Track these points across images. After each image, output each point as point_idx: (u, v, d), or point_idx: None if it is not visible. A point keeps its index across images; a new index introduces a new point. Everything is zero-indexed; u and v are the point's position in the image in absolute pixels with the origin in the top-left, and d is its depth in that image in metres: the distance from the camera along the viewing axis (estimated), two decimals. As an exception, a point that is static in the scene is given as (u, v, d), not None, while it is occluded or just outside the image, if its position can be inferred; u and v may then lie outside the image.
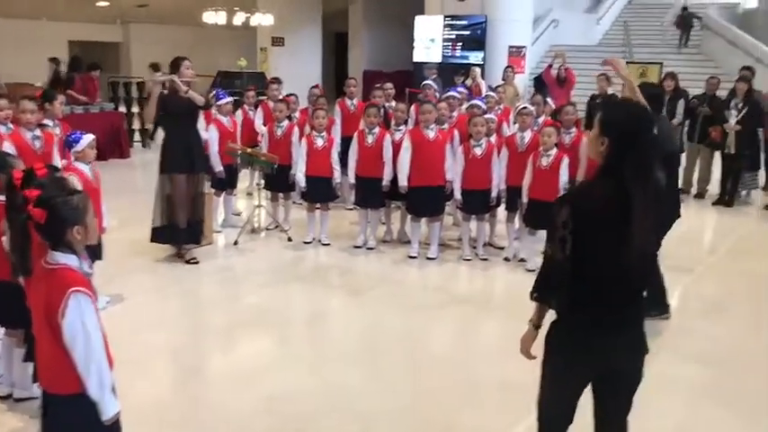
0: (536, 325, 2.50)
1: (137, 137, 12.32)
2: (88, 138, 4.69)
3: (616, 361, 2.41)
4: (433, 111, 6.24)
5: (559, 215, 2.35)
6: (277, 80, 8.94)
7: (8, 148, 4.62)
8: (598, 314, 2.37)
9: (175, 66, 5.85)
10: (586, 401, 2.51)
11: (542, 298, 2.46)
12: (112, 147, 11.02)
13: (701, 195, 9.33)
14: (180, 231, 5.91)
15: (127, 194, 8.39)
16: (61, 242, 2.37)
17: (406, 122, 6.77)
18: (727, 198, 8.89)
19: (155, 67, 11.45)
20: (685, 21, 18.12)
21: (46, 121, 5.40)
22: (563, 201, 2.42)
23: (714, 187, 9.24)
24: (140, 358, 4.05)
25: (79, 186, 4.42)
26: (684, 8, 18.48)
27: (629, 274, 2.34)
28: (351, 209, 7.79)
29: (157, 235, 5.97)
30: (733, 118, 8.57)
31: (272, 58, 20.57)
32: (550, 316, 2.48)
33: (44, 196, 2.38)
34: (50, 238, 2.38)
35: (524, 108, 6.40)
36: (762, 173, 9.47)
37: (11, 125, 5.05)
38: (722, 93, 9.53)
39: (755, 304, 5.64)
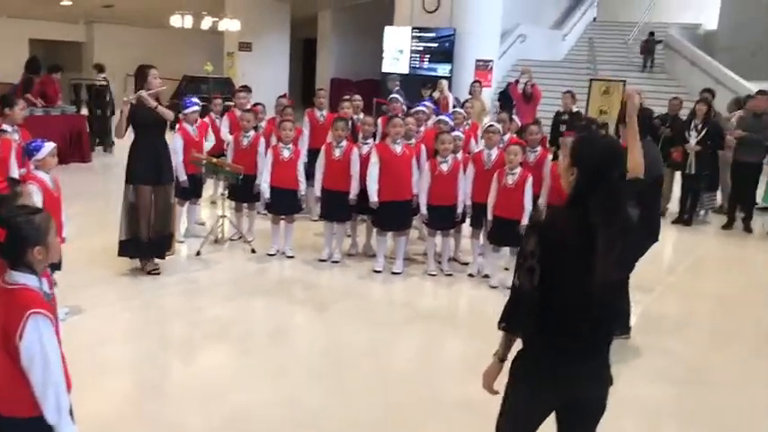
0: (501, 358, 2.48)
1: (98, 140, 12.10)
2: (49, 146, 4.60)
3: (581, 390, 2.42)
4: (401, 125, 6.25)
5: (527, 244, 2.36)
6: (246, 88, 8.87)
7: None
8: (563, 343, 2.38)
9: (142, 75, 5.71)
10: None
11: (510, 328, 2.44)
12: (73, 150, 10.80)
13: (661, 214, 9.49)
14: (144, 244, 5.77)
15: (87, 201, 8.27)
16: (21, 262, 2.31)
17: (373, 136, 6.77)
18: (686, 217, 9.07)
19: (99, 68, 11.21)
20: (649, 46, 18.46)
21: (5, 127, 5.28)
22: (531, 230, 2.44)
23: (674, 206, 9.42)
24: (98, 373, 3.96)
25: (39, 196, 4.36)
26: (651, 33, 18.88)
27: (594, 303, 2.36)
28: (315, 220, 7.76)
29: (123, 248, 5.84)
30: (693, 139, 8.76)
31: (239, 63, 20.44)
32: (516, 347, 2.48)
33: (4, 215, 2.32)
34: (10, 257, 2.31)
35: (491, 126, 6.46)
36: (719, 193, 9.68)
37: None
38: (686, 111, 9.75)
39: (714, 323, 5.77)
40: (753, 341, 5.40)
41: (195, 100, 7.14)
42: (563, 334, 2.38)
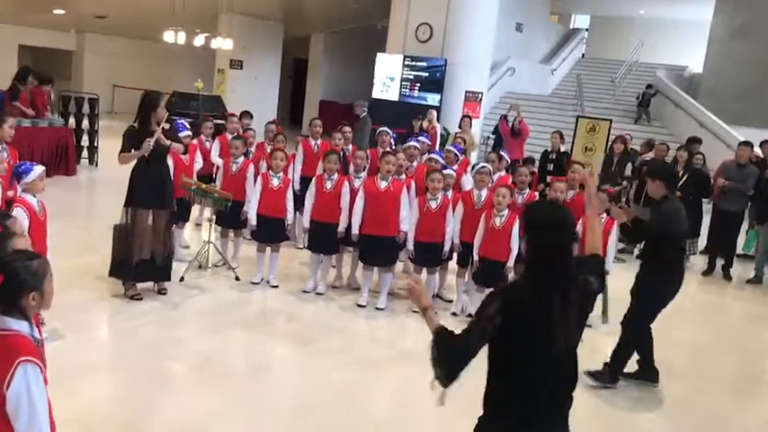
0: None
1: (84, 153, 12.01)
2: (39, 169, 4.56)
3: None
4: (394, 163, 6.26)
5: (489, 307, 2.37)
6: (247, 114, 8.92)
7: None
8: (523, 411, 2.40)
9: (151, 103, 5.72)
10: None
11: (445, 381, 2.36)
12: (59, 162, 10.72)
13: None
14: (133, 268, 5.77)
15: (70, 218, 8.18)
16: (15, 307, 2.28)
17: (365, 169, 6.78)
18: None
19: (26, 71, 10.92)
20: (646, 98, 18.13)
21: (-6, 145, 5.23)
22: (494, 295, 2.43)
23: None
24: (73, 406, 3.89)
25: (26, 221, 4.31)
26: (649, 86, 18.45)
27: (552, 371, 2.38)
28: (301, 248, 7.75)
29: (113, 269, 5.83)
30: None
31: (229, 80, 20.45)
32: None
33: (2, 259, 2.29)
34: (4, 301, 2.28)
35: (483, 167, 6.50)
36: (701, 240, 9.78)
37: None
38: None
39: (693, 375, 5.79)
40: (729, 388, 5.44)
41: (186, 124, 7.14)
42: (523, 402, 2.40)
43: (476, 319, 2.39)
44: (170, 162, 6.64)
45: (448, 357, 2.37)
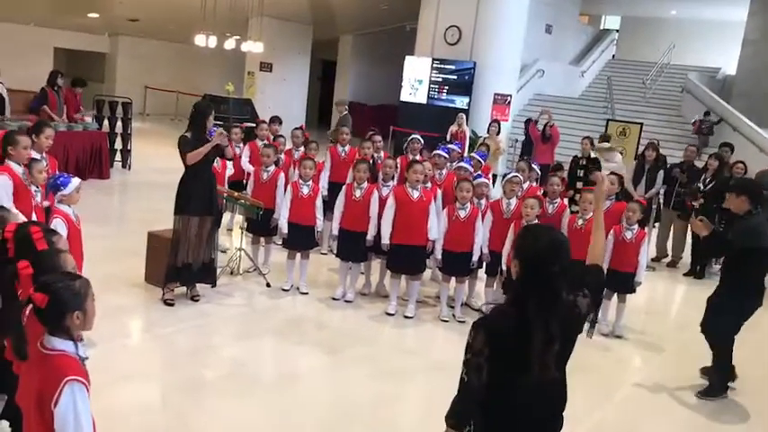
0: None
1: (117, 156, 12.21)
2: (76, 182, 4.67)
3: None
4: (422, 172, 6.29)
5: (475, 340, 2.33)
6: (277, 120, 9.02)
7: (6, 185, 4.61)
8: None
9: (204, 113, 5.89)
10: None
11: (457, 426, 2.41)
12: (92, 166, 10.92)
13: (673, 264, 9.50)
14: (185, 272, 5.99)
15: (103, 223, 8.33)
16: (59, 327, 2.36)
17: (393, 178, 6.82)
18: (697, 269, 9.04)
19: (55, 75, 11.15)
20: (704, 128, 15.91)
21: (34, 155, 5.34)
22: (478, 326, 2.37)
23: (688, 256, 9.40)
24: (108, 415, 3.98)
25: (64, 230, 4.41)
26: (707, 113, 16.33)
27: (535, 403, 2.36)
28: (325, 253, 7.82)
29: (168, 274, 5.99)
30: (700, 191, 8.72)
31: (259, 83, 20.62)
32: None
33: (47, 281, 2.37)
34: (49, 322, 2.36)
35: (515, 177, 6.51)
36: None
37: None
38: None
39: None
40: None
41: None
42: (509, 428, 2.40)
43: (469, 355, 2.35)
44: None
45: (457, 402, 2.41)
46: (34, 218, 4.65)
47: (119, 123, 12.25)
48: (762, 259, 5.12)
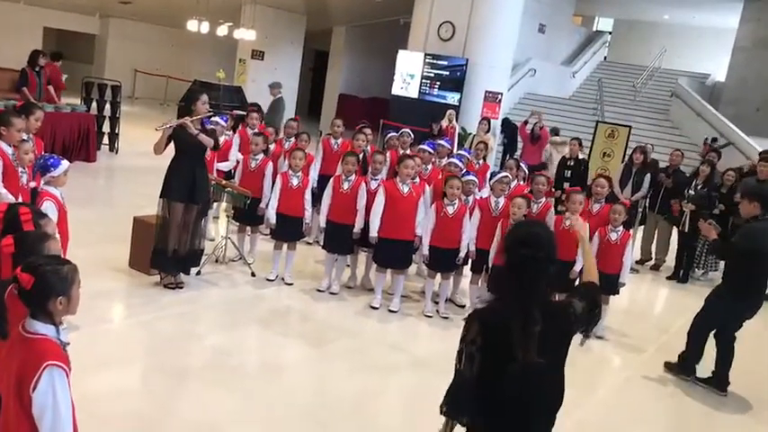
0: None
1: (105, 140, 12.12)
2: (65, 165, 4.63)
3: None
4: (413, 167, 6.29)
5: (469, 331, 2.43)
6: (256, 106, 8.96)
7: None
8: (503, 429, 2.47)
9: (192, 97, 5.86)
10: None
11: (451, 414, 2.49)
12: (79, 149, 10.83)
13: (656, 267, 9.57)
14: (168, 259, 5.94)
15: (89, 207, 8.27)
16: (43, 311, 2.34)
17: (382, 171, 6.81)
18: (681, 274, 9.11)
19: (36, 54, 11.03)
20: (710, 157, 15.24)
21: (22, 136, 5.29)
22: (472, 317, 2.50)
23: (672, 260, 9.47)
24: (88, 399, 3.95)
25: (54, 214, 4.37)
26: (714, 139, 15.49)
27: (523, 392, 2.41)
28: (310, 243, 7.82)
29: (153, 260, 6.00)
30: (687, 196, 8.77)
31: (250, 71, 20.52)
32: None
33: (35, 262, 2.35)
34: (32, 305, 2.34)
35: (504, 177, 6.53)
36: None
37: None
38: (690, 161, 9.73)
39: (705, 393, 5.78)
40: (745, 407, 5.45)
41: (221, 122, 7.30)
42: (499, 424, 2.46)
43: (462, 346, 2.44)
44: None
45: (451, 392, 2.49)
46: (20, 199, 4.61)
47: (107, 106, 12.15)
48: (758, 261, 5.30)
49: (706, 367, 5.76)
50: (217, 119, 7.38)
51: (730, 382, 5.62)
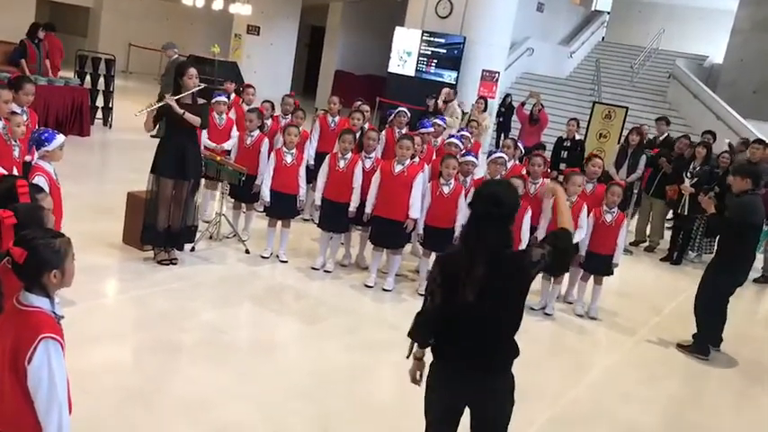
0: (417, 357, 3.02)
1: (99, 114, 12.03)
2: (60, 139, 4.58)
3: (476, 404, 2.91)
4: (409, 147, 6.25)
5: (433, 272, 2.90)
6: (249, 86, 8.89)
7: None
8: (454, 358, 2.87)
9: (178, 72, 5.79)
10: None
11: (413, 336, 2.96)
12: (73, 123, 10.74)
13: (651, 249, 9.59)
14: (160, 234, 5.93)
15: (83, 181, 8.22)
16: (37, 284, 2.33)
17: (376, 150, 6.77)
18: (675, 257, 9.14)
19: (35, 27, 11.00)
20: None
21: (14, 108, 5.24)
22: (437, 260, 2.99)
23: (666, 243, 9.49)
24: (81, 373, 3.95)
25: (46, 188, 4.33)
26: (730, 144, 13.39)
27: (466, 325, 2.80)
28: (307, 219, 7.80)
29: (143, 235, 5.99)
30: (688, 180, 8.78)
31: (245, 46, 20.35)
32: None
33: (26, 235, 2.33)
34: (26, 278, 2.33)
35: (499, 158, 6.50)
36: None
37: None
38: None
39: (696, 372, 5.83)
40: (734, 388, 5.49)
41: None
42: (454, 351, 2.85)
43: (428, 281, 2.96)
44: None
45: (418, 324, 2.94)
46: (15, 173, 4.57)
47: (101, 80, 12.03)
48: (752, 233, 5.81)
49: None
50: (222, 98, 7.34)
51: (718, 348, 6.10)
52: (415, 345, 2.98)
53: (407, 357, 3.02)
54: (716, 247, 6.35)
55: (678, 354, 6.09)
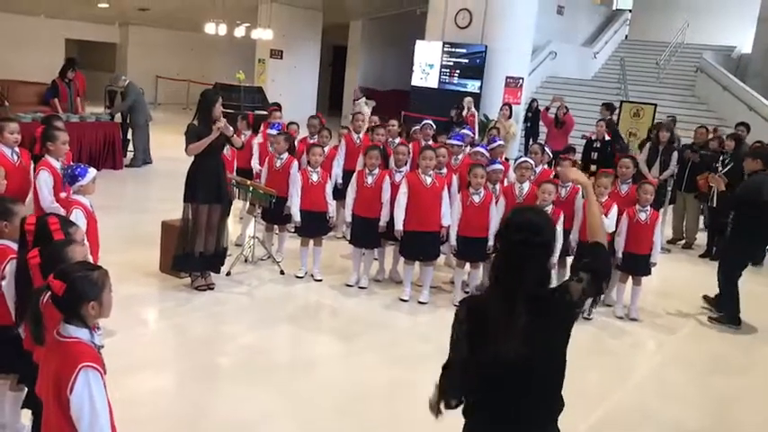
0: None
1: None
2: (93, 172, 4.68)
3: None
4: (433, 157, 6.27)
5: (457, 317, 2.41)
6: (277, 106, 9.00)
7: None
8: (489, 419, 2.42)
9: (208, 101, 5.91)
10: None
11: (443, 396, 2.47)
12: (106, 157, 10.98)
13: (688, 246, 9.43)
14: (197, 260, 6.03)
15: (117, 213, 8.38)
16: (75, 316, 2.40)
17: (406, 164, 6.80)
18: (713, 251, 8.96)
19: (68, 65, 11.56)
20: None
21: (51, 161, 5.25)
22: (462, 302, 2.50)
23: (704, 238, 9.34)
24: (125, 402, 4.01)
25: (83, 221, 4.43)
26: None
27: (507, 379, 2.34)
28: (340, 237, 7.84)
29: (177, 262, 6.07)
30: (717, 172, 8.61)
31: (269, 70, 20.61)
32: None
33: (66, 269, 2.41)
34: (65, 310, 2.42)
35: (525, 162, 6.48)
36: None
37: (17, 149, 5.22)
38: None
39: (741, 368, 5.70)
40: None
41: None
42: (492, 414, 2.42)
43: (452, 331, 2.42)
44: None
45: (446, 378, 2.46)
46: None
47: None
48: (755, 210, 6.12)
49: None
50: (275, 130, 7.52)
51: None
52: (442, 403, 2.49)
53: (436, 417, 2.53)
54: (731, 223, 6.82)
55: (722, 352, 5.98)
